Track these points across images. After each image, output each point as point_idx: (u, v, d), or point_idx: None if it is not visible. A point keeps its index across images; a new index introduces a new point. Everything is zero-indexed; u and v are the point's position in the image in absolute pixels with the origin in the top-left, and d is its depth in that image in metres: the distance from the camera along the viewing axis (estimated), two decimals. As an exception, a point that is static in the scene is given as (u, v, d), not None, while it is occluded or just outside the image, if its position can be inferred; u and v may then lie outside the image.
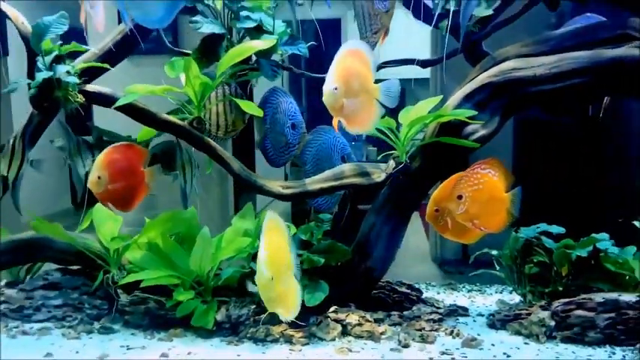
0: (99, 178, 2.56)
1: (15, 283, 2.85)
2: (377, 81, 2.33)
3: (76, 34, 2.75)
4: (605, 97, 2.80)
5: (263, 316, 2.46)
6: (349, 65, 2.28)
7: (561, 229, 2.77)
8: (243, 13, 2.76)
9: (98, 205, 2.83)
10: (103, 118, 3.13)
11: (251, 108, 2.64)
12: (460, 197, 2.24)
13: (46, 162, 2.95)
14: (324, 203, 2.90)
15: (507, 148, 4.32)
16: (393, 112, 2.59)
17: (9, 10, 2.73)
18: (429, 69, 4.17)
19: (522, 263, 2.78)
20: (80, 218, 2.89)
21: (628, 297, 2.43)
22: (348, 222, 2.92)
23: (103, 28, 2.49)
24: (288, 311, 2.19)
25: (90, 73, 2.76)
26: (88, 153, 2.82)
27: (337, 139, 2.87)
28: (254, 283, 2.17)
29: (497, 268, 2.88)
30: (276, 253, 2.12)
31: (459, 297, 3.14)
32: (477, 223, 2.26)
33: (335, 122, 2.34)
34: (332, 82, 2.24)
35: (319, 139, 2.87)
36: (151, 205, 3.48)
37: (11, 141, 2.72)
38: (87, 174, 2.71)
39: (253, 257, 2.63)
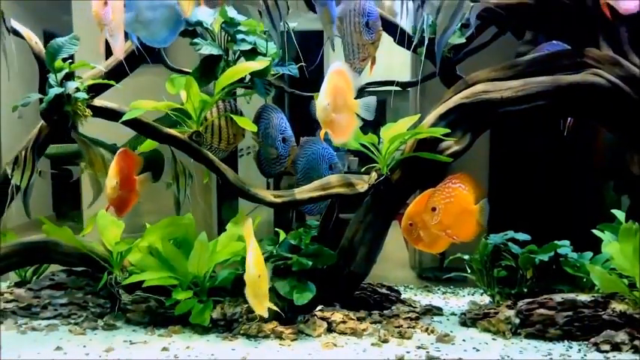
0: (115, 184, 2.75)
1: (23, 283, 3.06)
2: (357, 97, 2.60)
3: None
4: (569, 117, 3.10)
5: (255, 314, 2.71)
6: (336, 84, 2.53)
7: (527, 237, 3.06)
8: (239, 36, 3.02)
9: (101, 211, 3.06)
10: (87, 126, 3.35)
11: (246, 123, 2.89)
12: (434, 209, 2.50)
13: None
14: (314, 209, 3.16)
15: (484, 160, 4.61)
16: (375, 128, 2.87)
17: (23, 29, 2.94)
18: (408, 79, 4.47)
19: (491, 267, 3.05)
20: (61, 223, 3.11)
21: (584, 297, 2.71)
22: (334, 228, 3.16)
23: (122, 55, 2.74)
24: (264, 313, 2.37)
25: (96, 88, 3.00)
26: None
27: (325, 149, 3.14)
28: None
29: (469, 271, 3.15)
30: (260, 254, 2.35)
31: (434, 298, 3.41)
32: (449, 233, 2.51)
33: (322, 133, 2.60)
34: (324, 98, 2.50)
35: (309, 150, 3.13)
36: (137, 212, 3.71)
37: (23, 152, 2.93)
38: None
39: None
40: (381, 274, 3.16)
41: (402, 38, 2.92)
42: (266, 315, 2.41)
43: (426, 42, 2.80)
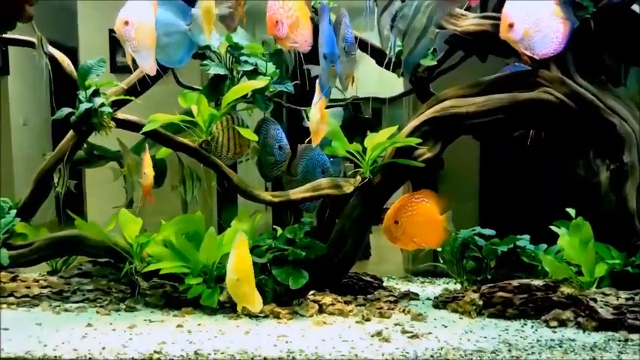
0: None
1: (54, 272, 3.52)
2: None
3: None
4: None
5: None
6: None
7: (492, 232, 3.52)
8: (243, 58, 3.49)
9: (123, 210, 3.52)
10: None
11: (248, 134, 3.36)
12: (397, 222, 2.95)
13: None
14: (309, 206, 3.63)
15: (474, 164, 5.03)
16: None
17: (57, 53, 3.41)
18: (402, 90, 4.91)
19: (461, 258, 3.51)
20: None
21: (537, 282, 3.15)
22: (327, 224, 3.62)
23: (154, 72, 3.09)
24: (255, 306, 2.77)
25: (118, 103, 3.47)
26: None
27: (321, 156, 3.61)
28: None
29: (441, 261, 3.62)
30: (241, 261, 2.73)
31: (412, 286, 3.86)
32: (417, 241, 2.97)
33: (317, 141, 3.08)
34: (318, 112, 3.00)
35: (307, 156, 3.60)
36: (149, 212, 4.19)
37: (61, 164, 3.40)
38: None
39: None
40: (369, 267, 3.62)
41: (382, 60, 3.41)
42: (256, 309, 2.81)
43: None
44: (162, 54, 3.13)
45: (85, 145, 3.70)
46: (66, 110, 3.35)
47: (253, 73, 3.49)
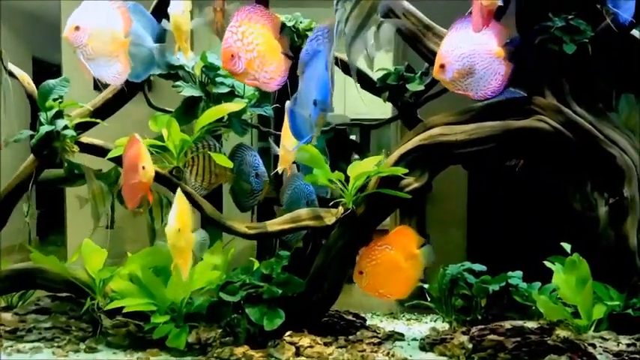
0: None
1: (9, 308, 3.24)
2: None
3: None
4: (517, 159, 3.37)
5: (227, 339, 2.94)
6: None
7: (483, 267, 3.30)
8: (219, 79, 3.27)
9: (86, 240, 3.26)
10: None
11: (223, 160, 3.13)
12: (361, 273, 2.80)
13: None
14: (291, 238, 3.39)
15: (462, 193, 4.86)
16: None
17: (17, 70, 3.17)
18: (389, 112, 4.73)
19: (449, 296, 3.28)
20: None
21: (531, 324, 2.93)
22: (309, 257, 3.38)
23: (117, 83, 2.88)
24: (184, 273, 2.75)
25: (84, 125, 3.23)
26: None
27: (306, 186, 3.38)
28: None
29: (429, 299, 3.38)
30: (184, 213, 2.65)
31: (398, 324, 3.63)
32: (382, 293, 2.83)
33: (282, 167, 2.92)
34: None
35: (293, 185, 3.37)
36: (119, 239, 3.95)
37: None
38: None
39: (221, 288, 3.09)
40: (351, 300, 3.39)
41: (367, 85, 3.21)
42: (186, 269, 2.75)
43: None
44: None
45: (65, 164, 3.43)
46: (26, 133, 3.11)
47: (230, 96, 3.27)
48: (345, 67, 3.15)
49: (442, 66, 2.86)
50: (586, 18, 2.97)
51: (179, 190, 2.68)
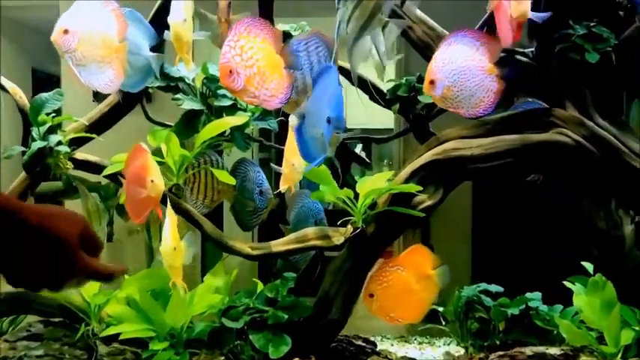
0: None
1: (-1, 334, 3.07)
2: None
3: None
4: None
5: None
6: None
7: (500, 288, 3.12)
8: (220, 91, 3.11)
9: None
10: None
11: (224, 177, 2.96)
12: (371, 296, 2.64)
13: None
14: (299, 259, 3.22)
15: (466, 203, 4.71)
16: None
17: (8, 84, 3.02)
18: (392, 121, 4.55)
19: (465, 319, 3.11)
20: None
21: (554, 350, 2.75)
22: (318, 278, 3.20)
23: (109, 90, 2.72)
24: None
25: (79, 141, 3.08)
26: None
27: (315, 204, 3.21)
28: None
29: (443, 323, 3.21)
30: (176, 231, 2.52)
31: (410, 349, 3.45)
32: (393, 317, 2.65)
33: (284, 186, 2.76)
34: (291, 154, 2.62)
35: (300, 203, 3.20)
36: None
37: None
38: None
39: (223, 313, 2.92)
40: (359, 323, 3.21)
41: (376, 96, 3.04)
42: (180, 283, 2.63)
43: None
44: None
45: (63, 177, 3.27)
46: (18, 148, 2.95)
47: (232, 109, 3.11)
48: (348, 74, 3.00)
49: (432, 82, 2.73)
50: (608, 25, 2.81)
51: (169, 205, 2.55)
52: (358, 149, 3.90)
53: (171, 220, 2.53)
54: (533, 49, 2.93)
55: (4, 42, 4.51)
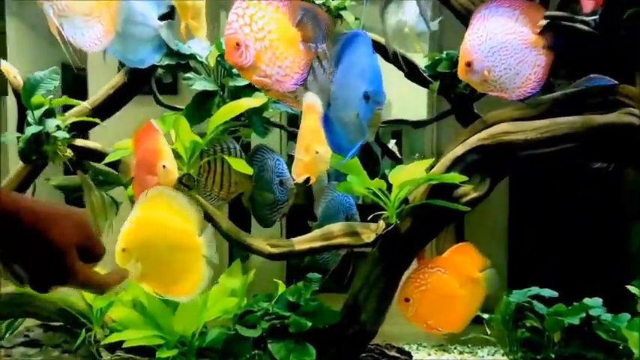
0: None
1: (-5, 339, 2.80)
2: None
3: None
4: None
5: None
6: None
7: (553, 293, 2.73)
8: (236, 70, 2.77)
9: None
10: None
11: (239, 165, 2.62)
12: (407, 300, 2.30)
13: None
14: (329, 259, 2.88)
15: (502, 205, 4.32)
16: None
17: (2, 63, 2.73)
18: (425, 111, 4.19)
19: (514, 327, 2.73)
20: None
21: (621, 367, 2.38)
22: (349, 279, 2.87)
23: (96, 48, 2.29)
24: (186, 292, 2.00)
25: (81, 127, 2.77)
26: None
27: (345, 197, 2.86)
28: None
29: (489, 331, 2.83)
30: (148, 223, 1.90)
31: (449, 359, 3.08)
32: (431, 325, 2.28)
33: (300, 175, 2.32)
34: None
35: (328, 197, 2.86)
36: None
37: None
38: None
39: (239, 319, 2.60)
40: (393, 329, 2.86)
41: (413, 73, 2.67)
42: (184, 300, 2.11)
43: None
44: (120, 45, 2.44)
45: (89, 170, 2.98)
46: (11, 135, 2.66)
47: (249, 89, 2.76)
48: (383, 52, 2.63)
49: (468, 64, 2.38)
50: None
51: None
52: (391, 144, 3.50)
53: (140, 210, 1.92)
54: (596, 16, 2.50)
55: (34, 36, 4.27)
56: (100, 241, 1.17)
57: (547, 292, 2.74)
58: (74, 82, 3.71)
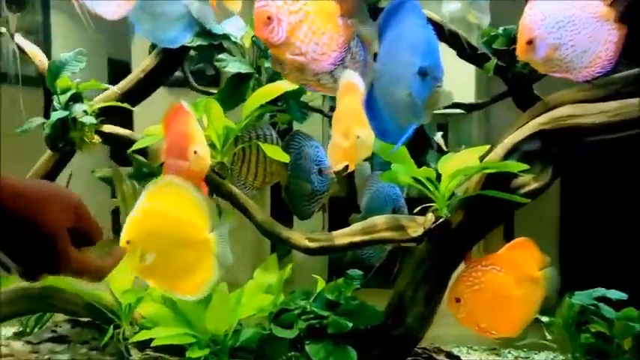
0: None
1: (22, 334, 2.69)
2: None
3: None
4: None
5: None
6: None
7: (622, 295, 2.47)
8: (272, 50, 2.58)
9: (112, 252, 2.66)
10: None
11: (276, 153, 2.44)
12: (458, 300, 2.10)
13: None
14: (373, 255, 2.67)
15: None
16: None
17: (27, 46, 2.61)
18: (472, 97, 3.93)
19: (577, 332, 2.47)
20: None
21: None
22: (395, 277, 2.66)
23: (116, 16, 2.19)
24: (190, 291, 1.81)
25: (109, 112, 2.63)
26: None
27: (391, 187, 2.65)
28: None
29: (548, 336, 2.58)
30: (156, 214, 1.73)
31: (503, 365, 2.85)
32: (483, 328, 2.05)
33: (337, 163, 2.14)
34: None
35: (373, 188, 2.65)
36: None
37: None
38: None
39: (274, 317, 2.42)
40: (440, 330, 2.64)
41: (465, 51, 2.42)
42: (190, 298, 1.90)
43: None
44: (149, 24, 2.31)
45: (134, 164, 2.86)
46: (37, 120, 2.54)
47: (286, 72, 2.57)
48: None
49: (530, 41, 2.11)
50: None
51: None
52: (437, 136, 3.25)
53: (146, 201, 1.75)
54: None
55: (80, 32, 4.23)
56: (95, 223, 1.07)
57: (615, 294, 2.47)
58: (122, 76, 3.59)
